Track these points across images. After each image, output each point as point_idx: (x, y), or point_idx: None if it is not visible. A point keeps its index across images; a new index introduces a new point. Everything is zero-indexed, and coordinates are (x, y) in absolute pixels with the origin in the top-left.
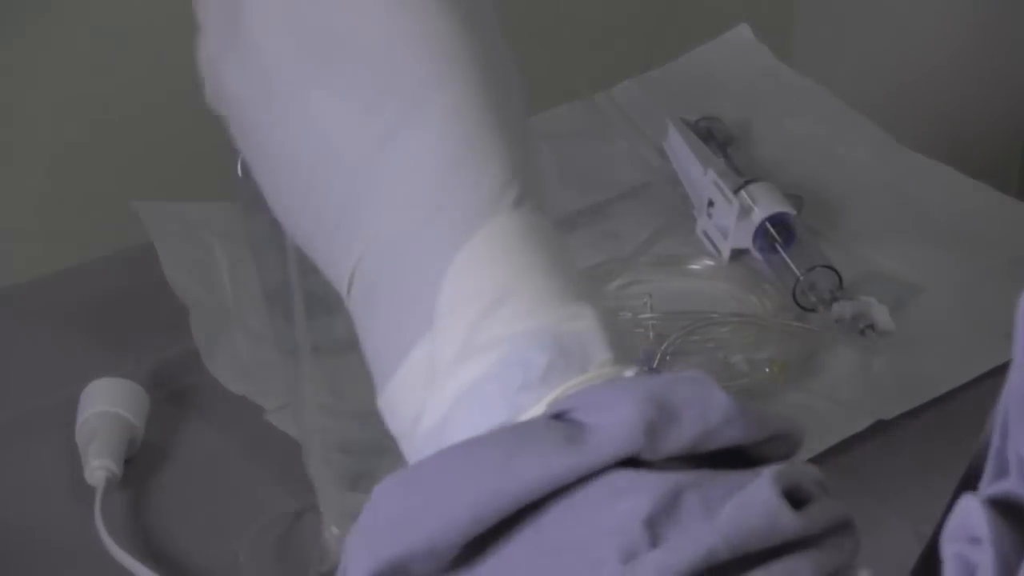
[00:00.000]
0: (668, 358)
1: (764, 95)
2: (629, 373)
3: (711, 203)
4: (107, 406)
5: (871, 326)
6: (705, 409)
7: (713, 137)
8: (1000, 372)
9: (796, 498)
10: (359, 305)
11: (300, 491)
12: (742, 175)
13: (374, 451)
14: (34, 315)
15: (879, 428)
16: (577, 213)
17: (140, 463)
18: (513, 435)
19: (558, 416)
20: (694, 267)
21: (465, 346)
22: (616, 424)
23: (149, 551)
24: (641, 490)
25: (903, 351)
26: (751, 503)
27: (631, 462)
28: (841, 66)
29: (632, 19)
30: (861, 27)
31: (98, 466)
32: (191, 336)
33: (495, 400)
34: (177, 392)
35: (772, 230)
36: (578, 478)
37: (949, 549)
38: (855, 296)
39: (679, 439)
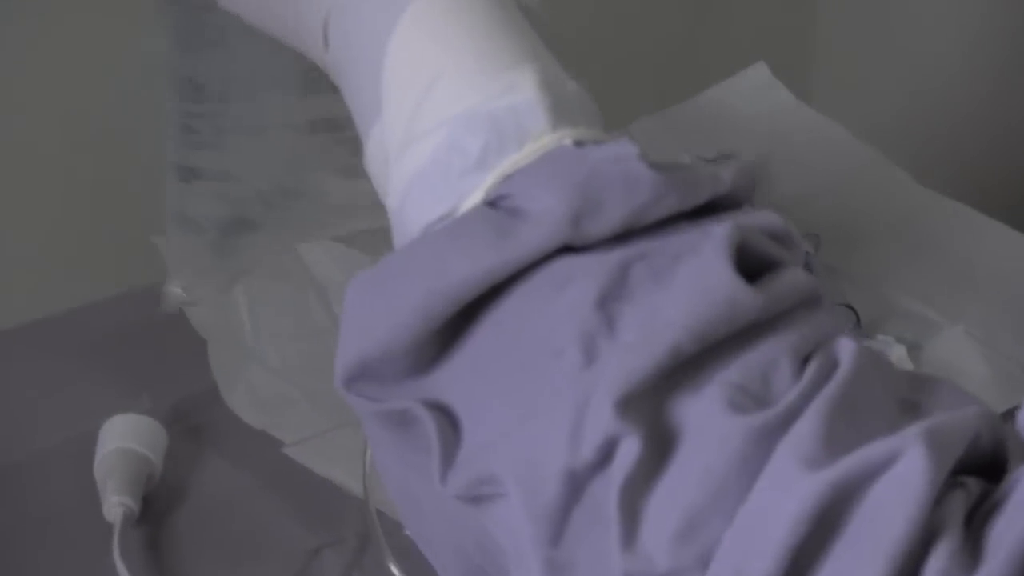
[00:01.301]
0: None
1: (781, 132)
2: (567, 142)
3: None
4: (125, 442)
5: None
6: (631, 188)
7: None
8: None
9: (755, 259)
10: (332, 68)
11: (319, 527)
12: None
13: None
14: (53, 351)
15: None
16: None
17: (158, 499)
18: (446, 233)
19: (496, 202)
20: None
21: (407, 133)
22: (541, 214)
23: None
24: (584, 274)
25: None
26: (706, 285)
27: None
28: (859, 103)
29: (649, 56)
30: (879, 64)
31: (116, 502)
32: (209, 371)
33: (438, 187)
34: (195, 427)
35: None
36: (513, 271)
37: None
38: (872, 334)
39: (607, 222)
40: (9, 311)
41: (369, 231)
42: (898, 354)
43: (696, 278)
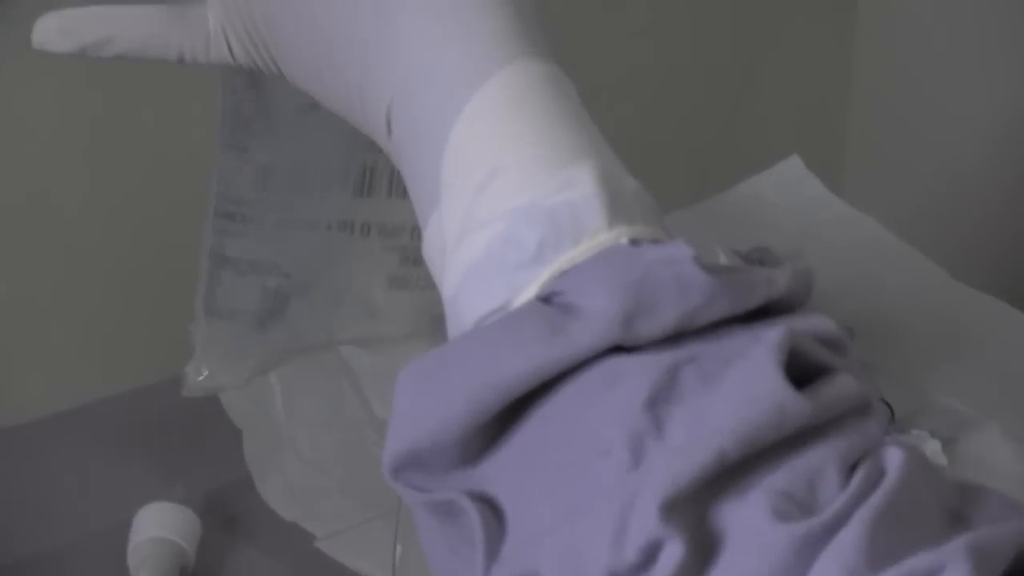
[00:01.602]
0: None
1: (815, 226)
2: (623, 240)
3: None
4: (159, 531)
5: None
6: (684, 290)
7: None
8: None
9: (805, 365)
10: (394, 153)
11: None
12: None
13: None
14: (88, 439)
15: None
16: None
17: None
18: (499, 327)
19: (550, 298)
20: None
21: (465, 224)
22: (594, 313)
23: None
24: (635, 374)
25: None
26: (755, 391)
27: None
28: (893, 196)
29: (682, 150)
30: (913, 157)
31: None
32: (243, 460)
33: (493, 280)
34: (229, 517)
35: None
36: (564, 368)
37: None
38: (907, 429)
39: (660, 323)
40: (45, 399)
41: (401, 340)
42: (932, 449)
43: (745, 383)
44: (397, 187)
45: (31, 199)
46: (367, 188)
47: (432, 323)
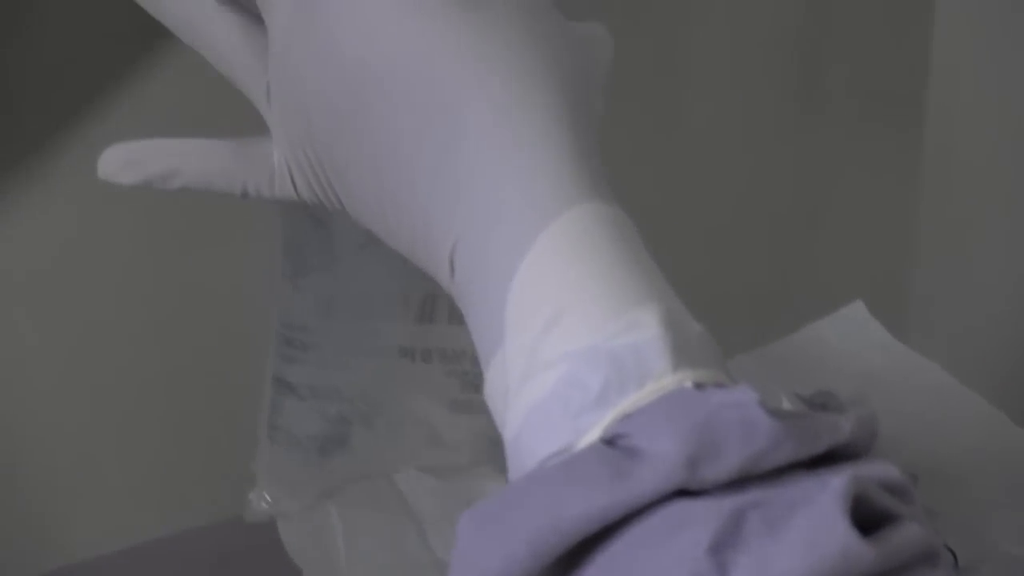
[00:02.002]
0: None
1: (878, 371)
2: (688, 384)
3: None
4: None
5: None
6: (749, 434)
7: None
8: None
9: (871, 512)
10: (457, 295)
11: None
12: None
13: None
14: None
15: None
16: None
17: None
18: (562, 469)
19: (613, 440)
20: None
21: (528, 365)
22: (658, 456)
23: None
24: (699, 519)
25: None
26: (820, 538)
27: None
28: (957, 341)
29: (745, 294)
30: (976, 304)
31: None
32: None
33: (557, 422)
34: None
35: None
36: (627, 512)
37: None
38: None
39: (724, 468)
40: (104, 537)
41: (464, 467)
42: None
43: (810, 530)
44: (457, 313)
45: (87, 335)
46: (428, 315)
47: (493, 449)
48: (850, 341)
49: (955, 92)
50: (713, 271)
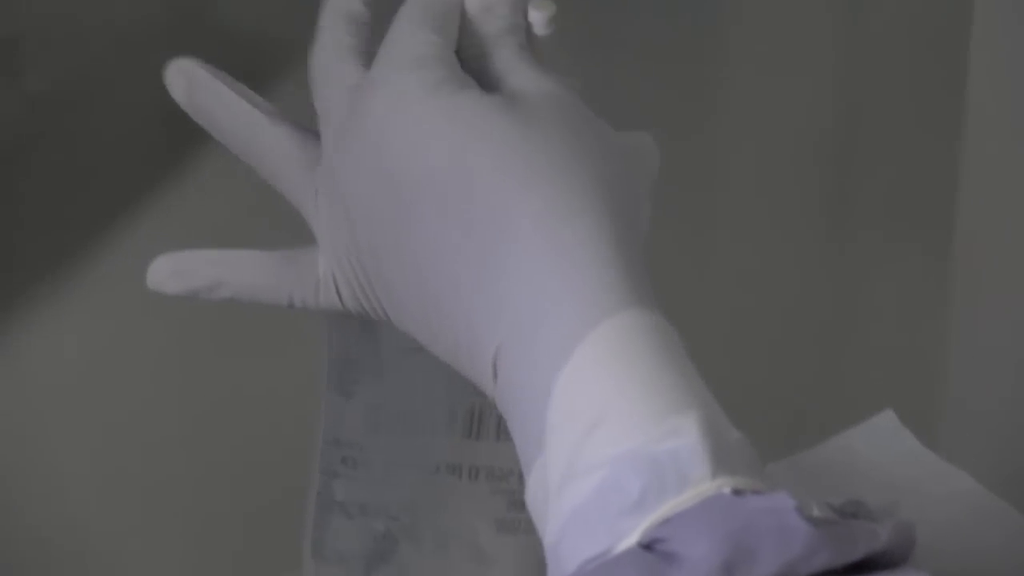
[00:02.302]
0: None
1: (909, 480)
2: (726, 490)
3: None
4: None
5: None
6: (786, 540)
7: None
8: None
9: None
10: (499, 400)
11: None
12: None
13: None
14: None
15: None
16: None
17: None
18: (601, 573)
19: (651, 545)
20: None
21: (569, 469)
22: (695, 561)
23: None
24: None
25: None
26: None
27: None
28: (989, 450)
29: (775, 404)
30: (1009, 413)
31: None
32: None
33: (597, 526)
34: None
35: None
36: None
37: None
38: None
39: (760, 573)
40: None
41: None
42: None
43: None
44: (504, 430)
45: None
46: (475, 431)
47: (539, 570)
48: (880, 450)
49: (985, 204)
50: (741, 380)
